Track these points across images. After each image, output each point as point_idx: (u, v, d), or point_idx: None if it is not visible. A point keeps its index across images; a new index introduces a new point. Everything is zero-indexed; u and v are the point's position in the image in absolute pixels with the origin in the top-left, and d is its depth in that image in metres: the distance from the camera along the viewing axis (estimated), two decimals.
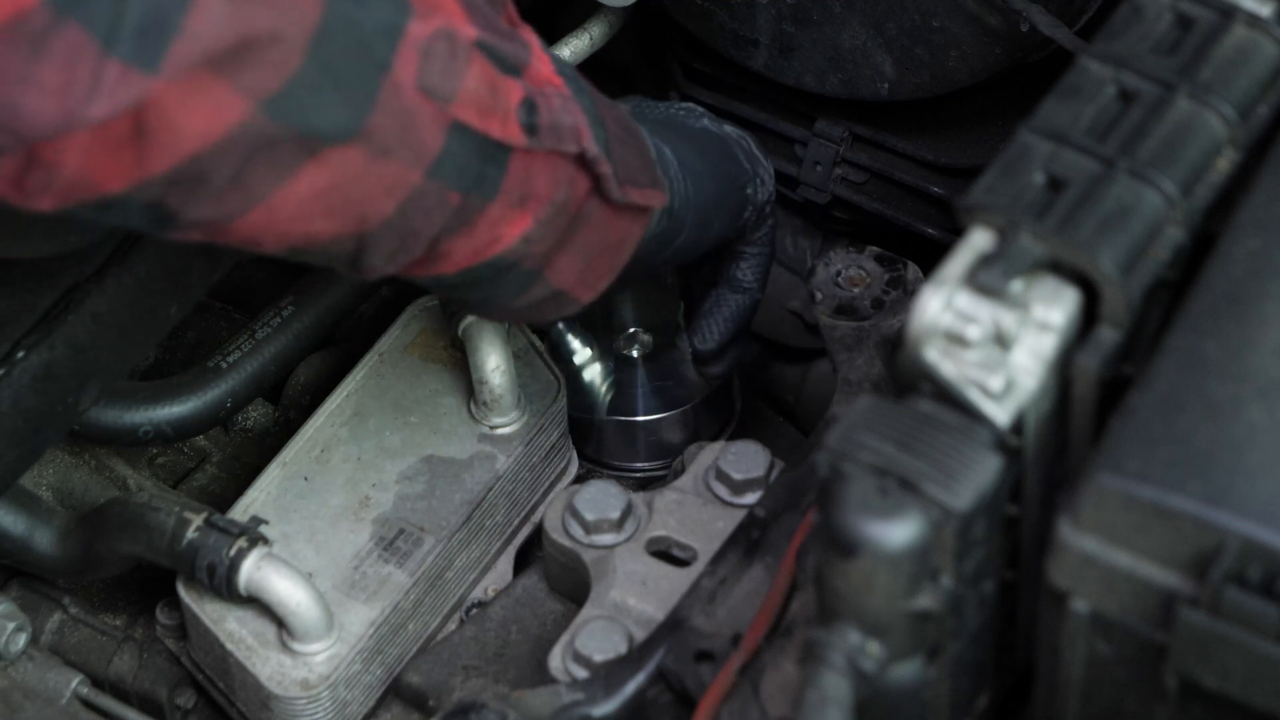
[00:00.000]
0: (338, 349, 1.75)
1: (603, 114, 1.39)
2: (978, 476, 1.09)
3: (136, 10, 1.13)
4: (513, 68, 1.32)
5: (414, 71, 1.25)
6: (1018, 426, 1.13)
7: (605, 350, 1.72)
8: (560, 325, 1.72)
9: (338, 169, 1.25)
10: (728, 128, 1.59)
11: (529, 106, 1.32)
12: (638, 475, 1.70)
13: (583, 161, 1.36)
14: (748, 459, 1.55)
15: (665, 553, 1.52)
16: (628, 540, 1.51)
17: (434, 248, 1.34)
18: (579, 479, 1.66)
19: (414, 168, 1.28)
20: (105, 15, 1.12)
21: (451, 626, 1.58)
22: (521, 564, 1.62)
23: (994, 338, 1.12)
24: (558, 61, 1.37)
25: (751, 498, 1.53)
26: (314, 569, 1.52)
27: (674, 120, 1.55)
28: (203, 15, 1.14)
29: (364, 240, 1.30)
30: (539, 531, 1.57)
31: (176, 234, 1.26)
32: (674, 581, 1.48)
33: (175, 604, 1.54)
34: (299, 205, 1.25)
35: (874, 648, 1.13)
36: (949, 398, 1.12)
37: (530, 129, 1.32)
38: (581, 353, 1.72)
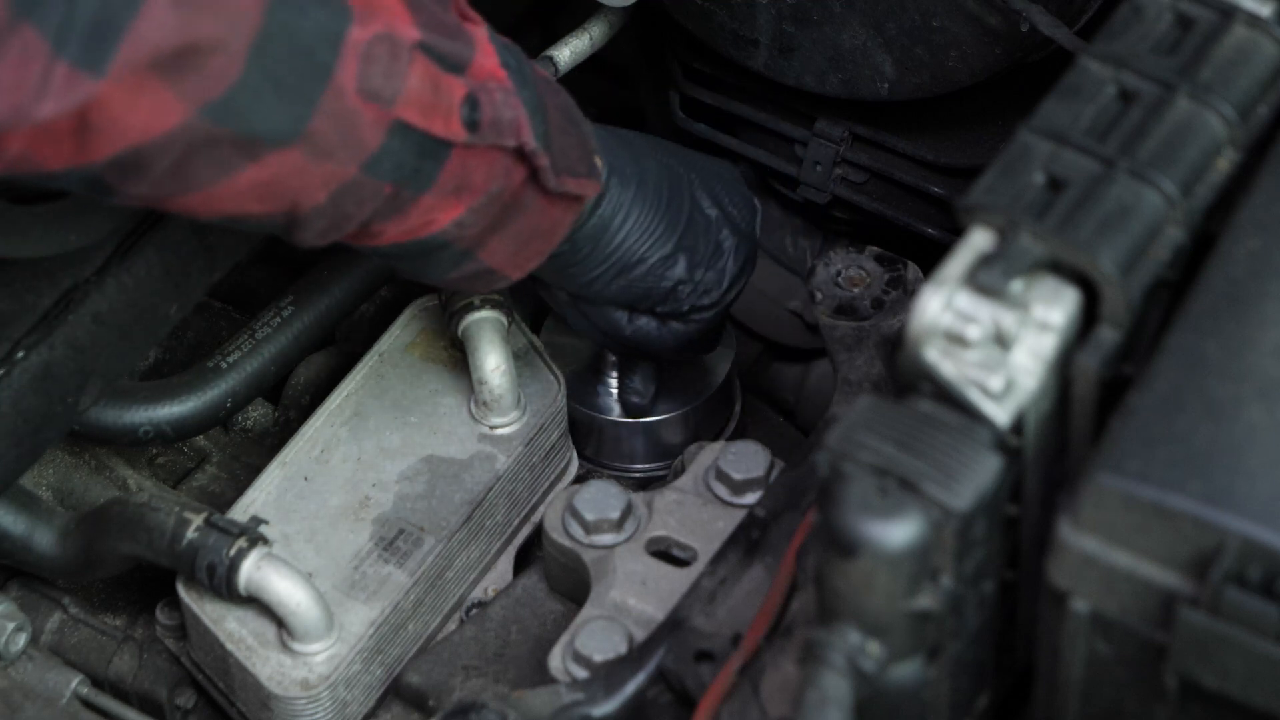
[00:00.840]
0: (338, 349, 1.74)
1: (545, 103, 1.41)
2: (978, 476, 1.09)
3: (86, 13, 1.15)
4: (455, 65, 1.34)
5: (354, 76, 1.28)
6: (1018, 426, 1.12)
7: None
8: None
9: (277, 168, 1.28)
10: (739, 224, 1.57)
11: (471, 103, 1.34)
12: (638, 475, 1.70)
13: (521, 154, 1.38)
14: (748, 459, 1.55)
15: (665, 553, 1.51)
16: (628, 540, 1.51)
17: (366, 228, 1.37)
18: (579, 479, 1.66)
19: (350, 165, 1.31)
20: (57, 17, 1.15)
21: (451, 626, 1.58)
22: (521, 564, 1.62)
23: (994, 338, 1.12)
24: (503, 52, 1.38)
25: (751, 498, 1.53)
26: (314, 569, 1.52)
27: (675, 178, 1.55)
28: (149, 20, 1.17)
29: (296, 218, 1.34)
30: (539, 531, 1.57)
31: (117, 202, 1.30)
32: (674, 581, 1.48)
33: (175, 604, 1.54)
34: (236, 194, 1.29)
35: (874, 648, 1.13)
36: (949, 398, 1.12)
37: (472, 125, 1.35)
38: None
